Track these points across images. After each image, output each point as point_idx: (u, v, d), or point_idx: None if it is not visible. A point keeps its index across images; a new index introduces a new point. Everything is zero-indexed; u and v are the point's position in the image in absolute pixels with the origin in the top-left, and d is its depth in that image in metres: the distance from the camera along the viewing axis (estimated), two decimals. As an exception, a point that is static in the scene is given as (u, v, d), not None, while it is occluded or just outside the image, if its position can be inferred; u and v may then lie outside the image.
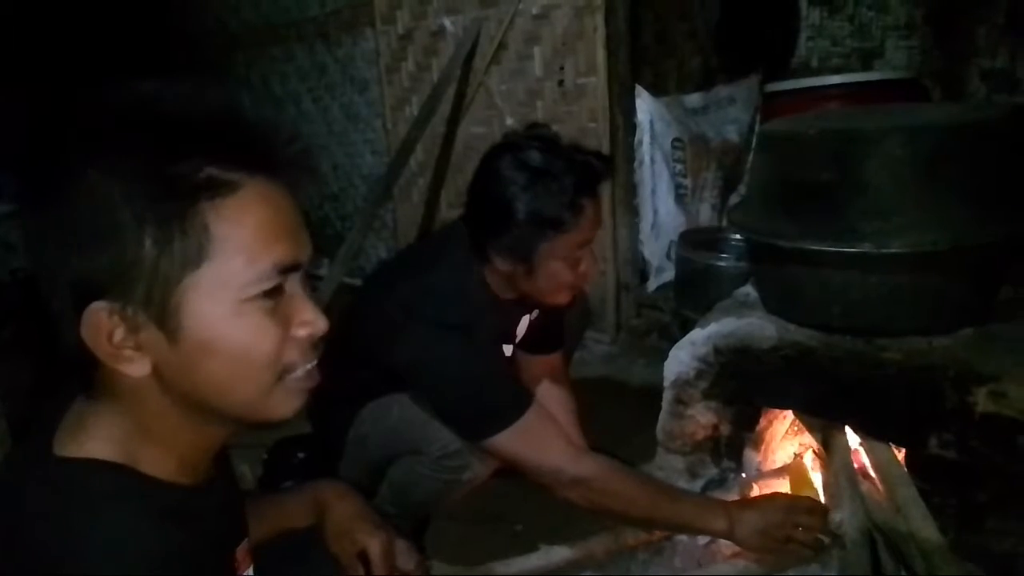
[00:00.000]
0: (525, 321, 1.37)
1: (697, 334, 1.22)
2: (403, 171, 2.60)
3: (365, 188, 3.10)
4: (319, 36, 3.02)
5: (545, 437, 1.13)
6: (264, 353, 0.56)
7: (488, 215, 1.14)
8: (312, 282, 0.65)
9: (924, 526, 1.01)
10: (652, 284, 2.36)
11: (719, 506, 1.10)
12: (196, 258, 0.53)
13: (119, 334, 0.53)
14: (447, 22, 2.45)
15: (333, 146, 3.19)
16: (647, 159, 2.26)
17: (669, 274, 2.29)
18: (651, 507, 1.09)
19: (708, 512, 1.08)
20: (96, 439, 0.56)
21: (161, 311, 0.53)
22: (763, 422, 1.29)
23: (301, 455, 1.44)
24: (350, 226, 2.98)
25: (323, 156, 3.23)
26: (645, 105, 2.23)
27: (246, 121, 0.57)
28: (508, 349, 1.33)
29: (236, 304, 0.55)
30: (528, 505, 1.52)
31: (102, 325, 0.53)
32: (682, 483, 1.30)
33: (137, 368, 0.55)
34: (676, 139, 2.30)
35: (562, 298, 1.20)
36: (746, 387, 1.20)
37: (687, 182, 2.37)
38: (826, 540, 1.08)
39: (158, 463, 0.58)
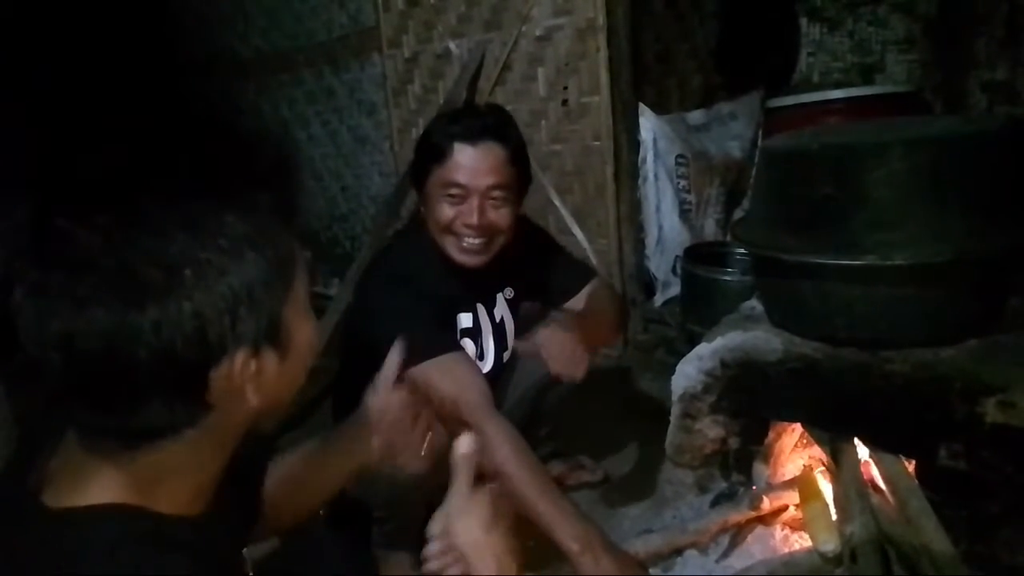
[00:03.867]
0: (501, 302, 1.41)
1: (704, 348, 1.23)
2: (411, 192, 2.63)
3: (373, 209, 3.13)
4: (327, 61, 3.08)
5: (465, 377, 1.17)
6: (317, 340, 0.63)
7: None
8: (323, 303, 0.69)
9: (936, 538, 1.00)
10: (658, 299, 2.37)
11: (584, 530, 1.02)
12: (291, 279, 0.58)
13: (249, 372, 0.55)
14: (452, 45, 2.50)
15: (342, 168, 3.23)
16: (651, 176, 2.28)
17: (675, 289, 2.30)
18: (521, 490, 1.07)
19: (569, 527, 1.02)
20: (99, 486, 0.55)
21: (276, 334, 0.57)
22: (772, 435, 1.30)
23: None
24: (359, 246, 3.01)
25: (332, 178, 3.28)
26: (648, 123, 2.25)
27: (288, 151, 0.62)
28: (467, 319, 1.37)
29: (305, 306, 0.60)
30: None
31: (242, 370, 0.54)
32: (691, 497, 1.30)
33: (254, 397, 0.56)
34: (679, 156, 2.33)
35: (452, 246, 1.27)
36: (753, 400, 1.21)
37: (691, 198, 2.39)
38: None
39: (173, 499, 0.58)
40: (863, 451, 1.19)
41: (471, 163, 1.23)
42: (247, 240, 0.53)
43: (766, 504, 1.22)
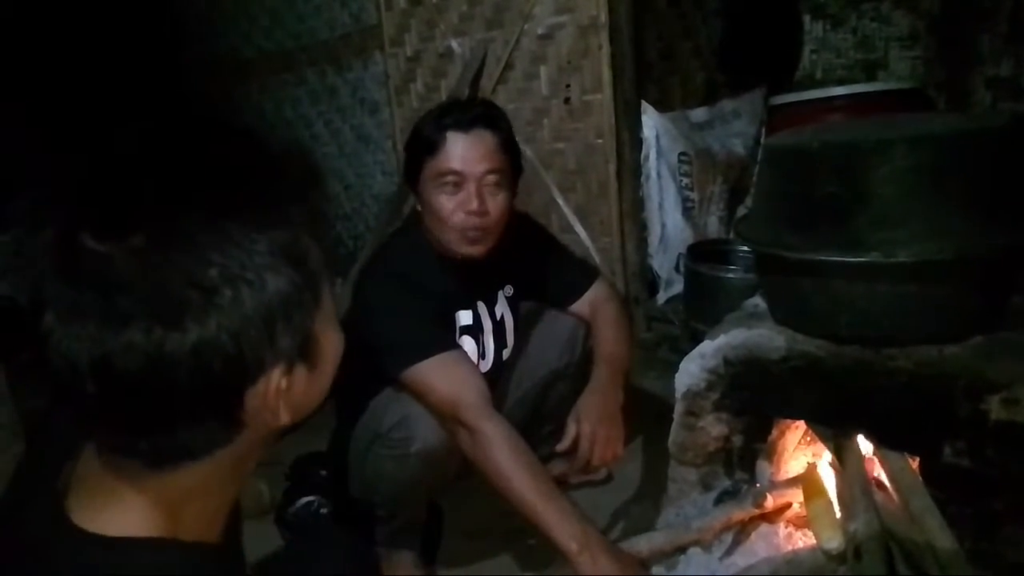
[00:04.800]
0: (502, 299, 1.42)
1: (707, 346, 1.23)
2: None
3: (376, 208, 3.14)
4: (330, 60, 3.08)
5: (463, 377, 1.18)
6: (342, 350, 0.62)
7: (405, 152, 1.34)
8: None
9: (940, 535, 1.00)
10: (661, 297, 2.36)
11: (582, 530, 1.04)
12: (320, 291, 0.56)
13: (282, 389, 0.53)
14: (454, 44, 2.50)
15: (344, 167, 3.24)
16: (654, 174, 2.28)
17: (678, 287, 2.30)
18: (519, 490, 1.08)
19: (567, 527, 1.03)
20: (128, 511, 0.54)
21: (308, 349, 0.56)
22: (775, 432, 1.29)
23: (323, 473, 1.46)
24: (362, 245, 3.02)
25: (335, 178, 3.28)
26: (651, 121, 2.25)
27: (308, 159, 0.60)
28: (467, 316, 1.37)
29: (331, 317, 0.59)
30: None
31: (276, 388, 0.53)
32: (695, 495, 1.30)
33: (285, 414, 0.55)
34: (682, 153, 2.32)
35: (454, 237, 1.27)
36: (756, 398, 1.20)
37: (694, 195, 2.39)
38: None
39: (197, 523, 0.57)
40: (867, 448, 1.18)
41: (465, 150, 1.24)
42: (280, 255, 0.52)
43: (770, 502, 1.22)
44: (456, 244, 1.28)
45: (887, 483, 1.13)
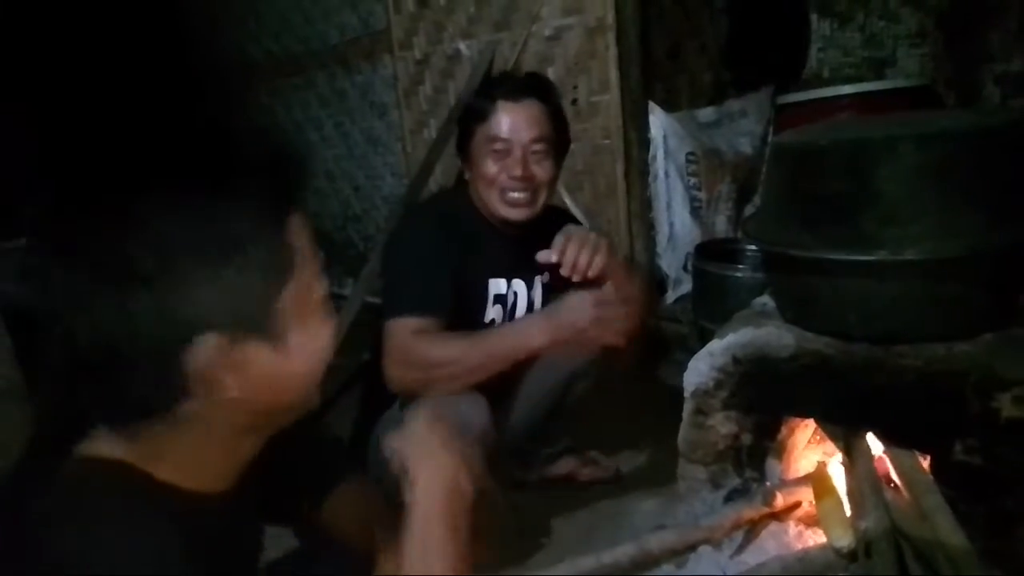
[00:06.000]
0: (538, 285, 1.45)
1: (715, 344, 1.23)
2: (423, 192, 2.65)
3: (386, 210, 3.16)
4: (339, 63, 3.11)
5: (419, 335, 1.19)
6: (330, 342, 0.62)
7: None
8: (336, 302, 0.69)
9: (951, 534, 1.00)
10: (670, 296, 2.37)
11: (533, 319, 1.20)
12: (286, 271, 0.57)
13: (226, 359, 0.55)
14: (462, 46, 2.51)
15: (354, 169, 3.26)
16: (661, 173, 2.29)
17: (686, 286, 2.30)
18: (471, 351, 1.17)
19: (526, 335, 1.18)
20: (106, 448, 0.57)
21: (263, 326, 0.56)
22: (785, 431, 1.30)
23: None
24: (372, 247, 3.04)
25: (345, 179, 3.30)
26: (658, 120, 2.26)
27: (292, 147, 0.62)
28: (501, 284, 1.40)
29: (313, 304, 0.60)
30: (553, 518, 1.53)
31: (216, 355, 0.54)
32: (705, 493, 1.30)
33: (235, 386, 0.56)
34: (690, 153, 2.33)
35: (495, 199, 1.32)
36: (765, 396, 1.21)
37: (702, 195, 2.39)
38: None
39: (177, 471, 0.59)
40: (877, 446, 1.18)
41: (513, 118, 1.31)
42: (234, 229, 0.53)
43: (780, 500, 1.22)
44: (498, 206, 1.32)
45: (897, 481, 1.13)
